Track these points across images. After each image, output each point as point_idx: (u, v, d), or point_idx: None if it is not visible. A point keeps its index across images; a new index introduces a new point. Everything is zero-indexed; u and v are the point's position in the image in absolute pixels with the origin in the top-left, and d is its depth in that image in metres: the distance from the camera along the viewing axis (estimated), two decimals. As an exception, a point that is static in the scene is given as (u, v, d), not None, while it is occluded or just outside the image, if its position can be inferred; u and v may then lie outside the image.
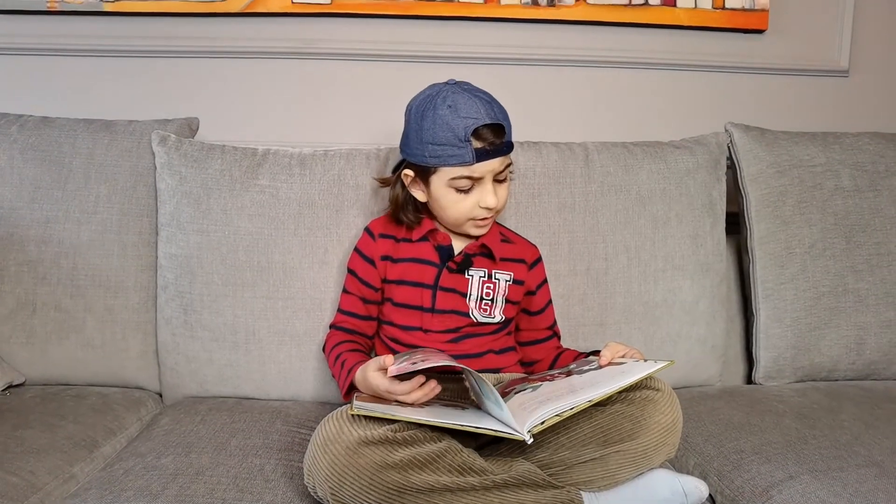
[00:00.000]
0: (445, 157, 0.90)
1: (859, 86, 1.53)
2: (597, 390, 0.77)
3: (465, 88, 0.92)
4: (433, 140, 0.90)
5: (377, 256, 1.01)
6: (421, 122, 0.91)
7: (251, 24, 1.42)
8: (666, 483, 0.83)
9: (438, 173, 0.93)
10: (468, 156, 0.89)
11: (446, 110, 0.89)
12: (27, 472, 0.85)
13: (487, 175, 0.92)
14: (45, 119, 1.22)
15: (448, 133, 0.89)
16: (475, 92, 0.92)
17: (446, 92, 0.91)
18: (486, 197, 0.93)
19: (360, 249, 1.03)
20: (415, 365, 0.79)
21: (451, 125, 0.89)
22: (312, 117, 1.46)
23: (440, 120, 0.89)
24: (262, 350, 1.12)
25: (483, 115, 0.89)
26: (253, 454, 0.90)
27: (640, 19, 1.44)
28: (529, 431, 0.73)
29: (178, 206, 1.14)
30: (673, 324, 1.18)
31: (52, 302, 1.14)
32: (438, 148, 0.90)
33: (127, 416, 1.07)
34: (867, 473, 0.83)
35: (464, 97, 0.90)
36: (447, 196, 0.94)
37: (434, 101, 0.91)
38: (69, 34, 1.40)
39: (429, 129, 0.90)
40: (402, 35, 1.43)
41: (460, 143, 0.89)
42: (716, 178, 1.23)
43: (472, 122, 0.88)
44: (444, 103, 0.90)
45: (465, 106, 0.89)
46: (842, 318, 1.20)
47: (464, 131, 0.88)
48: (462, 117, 0.89)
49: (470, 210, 0.94)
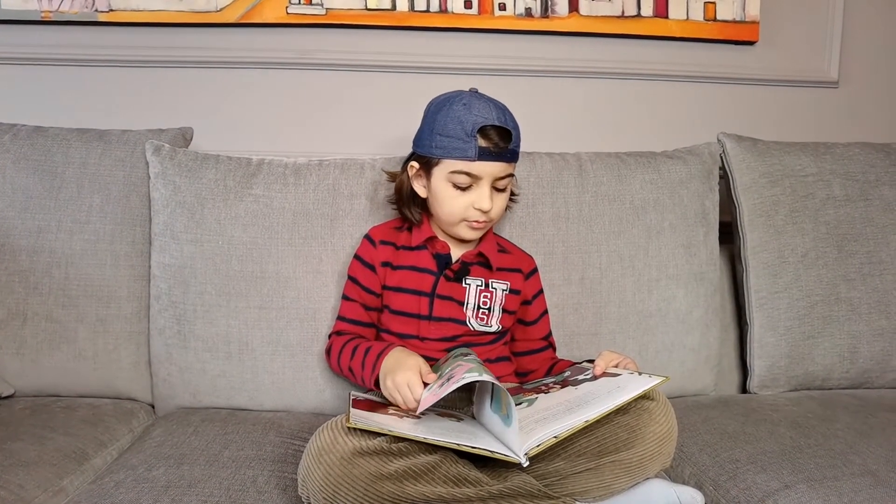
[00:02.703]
0: (450, 149, 0.92)
1: (849, 96, 1.55)
2: (593, 409, 0.77)
3: (486, 97, 0.96)
4: (442, 131, 0.93)
5: (378, 262, 1.01)
6: (435, 115, 0.95)
7: (246, 35, 1.42)
8: (661, 493, 0.83)
9: (441, 165, 0.95)
10: (471, 151, 0.91)
11: (461, 107, 0.92)
12: (16, 486, 0.84)
13: (486, 177, 0.93)
14: (38, 128, 1.21)
15: (457, 126, 0.92)
16: (493, 100, 0.95)
17: (466, 95, 0.95)
18: (481, 199, 0.94)
19: (361, 256, 1.03)
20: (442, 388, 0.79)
21: (462, 119, 0.91)
22: (307, 127, 1.47)
23: (453, 114, 0.93)
24: (255, 360, 1.11)
25: (493, 117, 0.92)
26: (246, 465, 0.89)
27: (632, 31, 1.46)
28: (526, 454, 0.73)
29: (172, 215, 1.13)
30: (667, 333, 1.18)
31: (44, 312, 1.14)
32: (445, 139, 0.92)
33: (118, 428, 1.06)
34: (862, 482, 0.83)
35: (480, 101, 0.93)
36: (445, 191, 0.95)
37: (452, 99, 0.95)
38: (63, 44, 1.40)
39: (441, 121, 0.93)
40: (397, 46, 1.44)
41: (466, 138, 0.91)
42: (709, 188, 1.24)
43: (482, 119, 0.91)
44: (459, 102, 0.93)
45: (479, 106, 0.92)
46: (835, 327, 1.21)
47: (472, 126, 0.91)
48: (473, 114, 0.91)
49: (464, 209, 0.95)
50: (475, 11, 1.42)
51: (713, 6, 1.46)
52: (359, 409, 0.83)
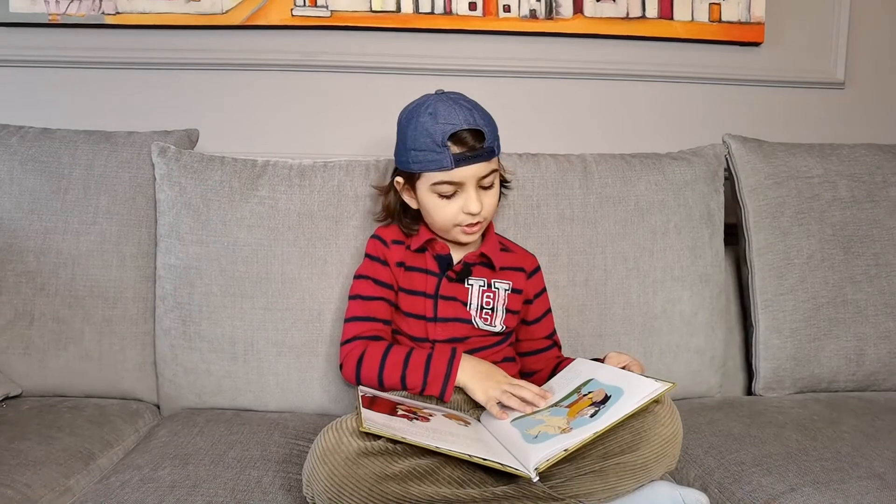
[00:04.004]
0: (426, 163, 0.92)
1: (855, 98, 1.55)
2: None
3: (451, 97, 0.94)
4: (415, 146, 0.93)
5: (393, 262, 1.00)
6: (406, 129, 0.94)
7: (251, 37, 1.43)
8: (667, 495, 0.82)
9: (422, 179, 0.95)
10: (446, 161, 0.91)
11: (427, 117, 0.92)
12: (23, 485, 0.84)
13: (469, 181, 0.93)
14: (45, 130, 1.22)
15: (427, 139, 0.91)
16: (459, 100, 0.94)
17: (431, 101, 0.94)
18: (469, 203, 0.94)
19: (375, 255, 1.02)
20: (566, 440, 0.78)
21: (430, 131, 0.91)
22: (312, 129, 1.47)
23: (420, 127, 0.92)
24: (260, 361, 1.11)
25: (461, 121, 0.91)
26: (251, 466, 0.89)
27: (637, 32, 1.46)
28: (536, 469, 0.73)
29: (178, 217, 1.14)
30: (672, 335, 1.17)
31: (51, 312, 1.14)
32: (419, 154, 0.92)
33: (124, 428, 1.06)
34: (869, 485, 0.82)
35: (445, 105, 0.92)
36: (431, 201, 0.96)
37: (419, 109, 0.94)
38: (71, 46, 1.40)
39: (411, 135, 0.93)
40: (401, 48, 1.44)
41: (438, 149, 0.91)
42: (714, 190, 1.23)
43: (450, 127, 0.90)
44: (426, 111, 0.92)
45: (445, 113, 0.91)
46: (841, 329, 1.20)
47: (441, 136, 0.90)
48: (440, 123, 0.91)
49: (454, 216, 0.95)
50: (480, 13, 1.43)
51: (718, 7, 1.46)
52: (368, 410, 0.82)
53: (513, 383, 0.90)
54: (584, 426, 0.77)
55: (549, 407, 0.86)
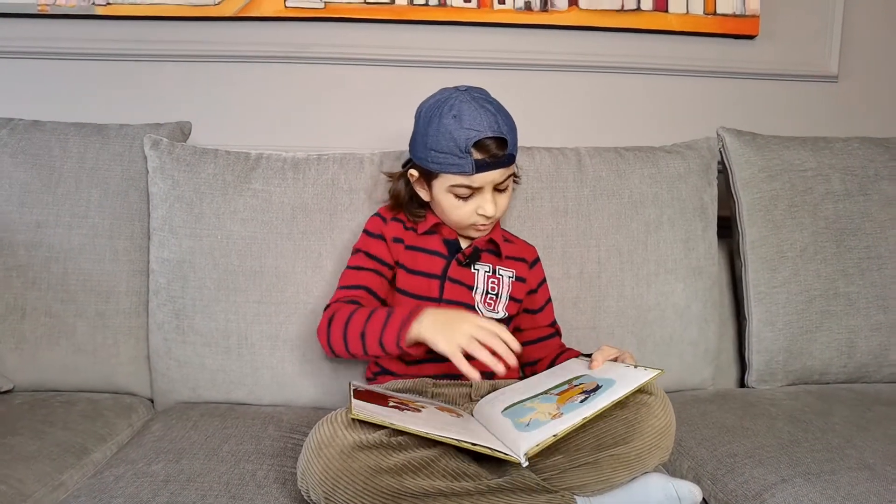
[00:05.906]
0: (446, 165, 0.92)
1: (848, 91, 1.55)
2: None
3: (475, 97, 0.92)
4: (436, 147, 0.91)
5: (389, 238, 1.00)
6: (427, 127, 0.93)
7: (244, 28, 1.42)
8: (660, 487, 0.83)
9: (440, 178, 0.94)
10: (468, 167, 0.90)
11: (451, 120, 0.90)
12: (15, 480, 0.84)
13: (487, 185, 0.93)
14: (35, 123, 1.21)
15: (450, 143, 0.90)
16: (483, 102, 0.92)
17: (454, 100, 0.92)
18: (484, 205, 0.94)
19: (371, 230, 1.02)
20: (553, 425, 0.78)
21: (454, 135, 0.89)
22: (306, 121, 1.46)
23: (444, 129, 0.90)
24: (254, 355, 1.11)
25: (486, 127, 0.89)
26: (245, 460, 0.89)
27: (632, 24, 1.45)
28: (526, 454, 0.74)
29: (171, 210, 1.13)
30: (665, 327, 1.18)
31: (43, 307, 1.13)
32: (440, 155, 0.91)
33: (118, 423, 1.06)
34: (859, 476, 0.83)
35: (470, 107, 0.90)
36: (447, 200, 0.96)
37: (441, 108, 0.92)
38: (61, 37, 1.39)
39: (433, 136, 0.91)
40: (396, 40, 1.43)
41: (461, 154, 0.90)
42: (707, 183, 1.24)
43: (475, 134, 0.89)
44: (449, 112, 0.90)
45: (470, 117, 0.89)
46: (833, 322, 1.21)
47: (465, 143, 0.89)
48: (465, 128, 0.89)
49: (468, 216, 0.96)
50: (474, 5, 1.42)
51: (713, 0, 1.45)
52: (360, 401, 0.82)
53: (483, 327, 0.81)
54: (573, 411, 0.78)
55: (539, 394, 0.86)
